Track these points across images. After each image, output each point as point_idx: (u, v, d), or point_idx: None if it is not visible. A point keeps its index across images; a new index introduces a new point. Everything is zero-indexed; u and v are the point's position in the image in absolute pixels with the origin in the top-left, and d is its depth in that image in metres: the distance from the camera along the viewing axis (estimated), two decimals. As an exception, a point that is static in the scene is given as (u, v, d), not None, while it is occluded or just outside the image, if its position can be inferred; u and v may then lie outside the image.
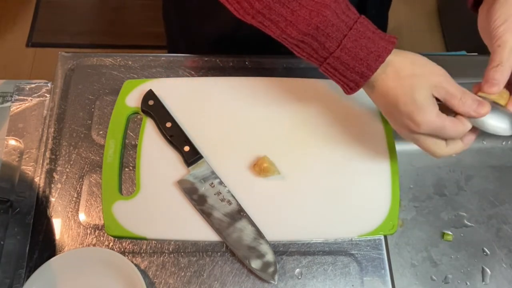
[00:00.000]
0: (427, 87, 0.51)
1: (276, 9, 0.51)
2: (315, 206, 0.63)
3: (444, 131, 0.52)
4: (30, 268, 0.60)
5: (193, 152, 0.64)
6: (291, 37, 0.52)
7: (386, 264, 0.62)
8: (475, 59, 0.76)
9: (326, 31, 0.51)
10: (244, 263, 0.60)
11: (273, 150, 0.66)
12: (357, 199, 0.64)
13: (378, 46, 0.51)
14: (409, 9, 1.90)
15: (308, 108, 0.69)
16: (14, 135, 0.69)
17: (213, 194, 0.62)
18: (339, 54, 0.51)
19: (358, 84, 0.53)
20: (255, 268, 0.59)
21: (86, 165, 0.66)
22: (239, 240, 0.60)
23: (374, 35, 0.52)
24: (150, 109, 0.67)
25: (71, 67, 0.73)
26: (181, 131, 0.65)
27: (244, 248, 0.60)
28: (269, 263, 0.59)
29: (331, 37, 0.51)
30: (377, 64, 0.51)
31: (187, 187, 0.63)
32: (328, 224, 0.63)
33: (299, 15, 0.51)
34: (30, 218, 0.63)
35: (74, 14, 1.89)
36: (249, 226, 0.61)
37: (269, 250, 0.60)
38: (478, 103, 0.52)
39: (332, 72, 0.53)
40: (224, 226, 0.61)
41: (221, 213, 0.61)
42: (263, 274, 0.59)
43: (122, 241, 0.62)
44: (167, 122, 0.66)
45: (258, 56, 0.75)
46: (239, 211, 0.62)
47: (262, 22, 0.53)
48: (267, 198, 0.63)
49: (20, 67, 1.78)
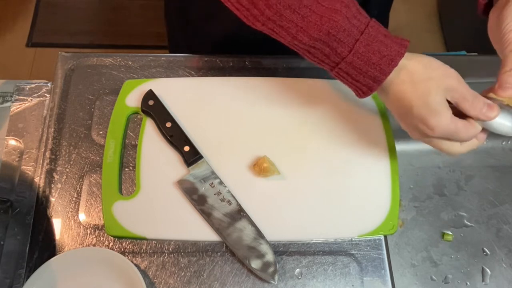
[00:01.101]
0: (440, 91, 0.51)
1: (286, 16, 0.51)
2: (315, 206, 0.63)
3: (457, 135, 0.52)
4: (30, 268, 0.60)
5: (193, 152, 0.64)
6: (302, 43, 0.52)
7: (386, 264, 0.62)
8: (475, 59, 0.76)
9: (337, 36, 0.50)
10: (244, 263, 0.60)
11: (273, 150, 0.66)
12: (357, 199, 0.64)
13: (390, 50, 0.51)
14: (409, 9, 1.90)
15: (308, 108, 0.69)
16: (14, 135, 0.69)
17: (213, 194, 0.62)
18: (351, 59, 0.51)
19: (371, 88, 0.53)
20: (255, 268, 0.59)
21: (86, 165, 0.66)
22: (239, 240, 0.60)
23: (386, 38, 0.51)
24: (150, 109, 0.67)
25: (71, 67, 0.73)
26: (181, 131, 0.65)
27: (244, 248, 0.60)
28: (269, 263, 0.59)
29: (343, 42, 0.51)
30: (390, 68, 0.51)
31: (187, 187, 0.63)
32: (328, 224, 0.63)
33: (310, 21, 0.51)
34: (30, 218, 0.63)
35: (74, 14, 1.89)
36: (249, 226, 0.61)
37: (269, 250, 0.60)
38: (488, 107, 0.52)
39: (344, 76, 0.53)
40: (224, 226, 0.61)
41: (221, 213, 0.61)
42: (263, 274, 0.59)
43: (122, 241, 0.62)
44: (167, 122, 0.66)
45: (258, 56, 0.75)
46: (239, 211, 0.62)
47: (272, 29, 0.53)
48: (267, 198, 0.63)
49: (20, 67, 1.78)
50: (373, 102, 0.70)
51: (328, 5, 0.50)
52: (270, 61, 0.74)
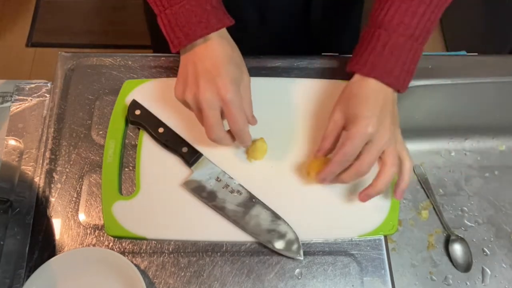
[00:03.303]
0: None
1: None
2: (315, 206, 0.63)
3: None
4: (30, 268, 0.60)
5: (192, 152, 0.64)
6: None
7: (386, 264, 0.62)
8: (475, 59, 0.76)
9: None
10: (268, 246, 0.60)
11: (273, 151, 0.66)
12: (357, 199, 0.64)
13: (210, 20, 0.55)
14: (409, 9, 1.89)
15: (308, 108, 0.69)
16: (14, 135, 0.69)
17: (221, 188, 0.63)
18: (177, 10, 0.55)
19: (181, 43, 0.56)
20: (279, 249, 0.60)
21: (86, 165, 0.66)
22: (257, 226, 0.61)
23: (215, 10, 0.56)
24: (138, 119, 0.66)
25: (71, 67, 0.73)
26: (174, 134, 0.65)
27: (264, 233, 0.61)
28: (291, 241, 0.60)
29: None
30: (202, 33, 0.55)
31: (195, 187, 0.63)
32: (328, 224, 0.63)
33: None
34: (30, 218, 0.63)
35: (74, 14, 1.89)
36: (264, 210, 0.62)
37: (289, 229, 0.61)
38: None
39: (165, 23, 0.56)
40: (240, 216, 0.61)
41: (234, 204, 0.62)
42: (288, 253, 0.60)
43: (122, 241, 0.62)
44: (159, 127, 0.65)
45: (258, 56, 0.75)
46: (251, 198, 0.62)
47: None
48: (267, 199, 0.63)
49: (20, 67, 1.78)
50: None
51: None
52: (270, 61, 0.74)
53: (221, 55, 0.56)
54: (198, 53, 0.56)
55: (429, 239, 0.76)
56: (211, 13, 0.55)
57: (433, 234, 0.76)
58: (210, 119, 0.56)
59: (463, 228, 0.77)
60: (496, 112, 0.80)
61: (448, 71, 0.74)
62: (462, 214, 0.78)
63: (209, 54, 0.56)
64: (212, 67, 0.55)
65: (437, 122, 0.81)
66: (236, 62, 0.57)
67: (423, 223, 0.77)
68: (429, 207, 0.78)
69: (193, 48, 0.57)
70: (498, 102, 0.78)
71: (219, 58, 0.56)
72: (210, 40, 0.56)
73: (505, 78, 0.74)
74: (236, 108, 0.56)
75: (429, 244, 0.75)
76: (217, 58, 0.56)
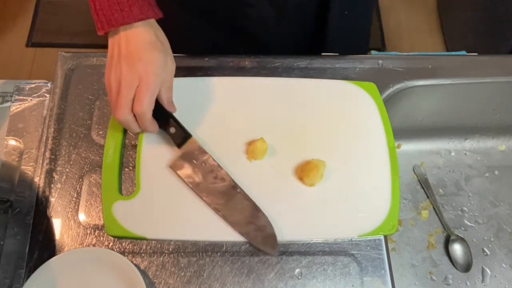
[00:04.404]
0: None
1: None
2: (315, 206, 0.63)
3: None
4: (30, 268, 0.60)
5: (180, 132, 0.64)
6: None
7: (386, 264, 0.62)
8: (475, 59, 0.76)
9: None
10: (245, 238, 0.60)
11: (272, 151, 0.66)
12: (357, 199, 0.64)
13: (132, 10, 0.57)
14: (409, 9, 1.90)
15: (308, 108, 0.69)
16: (14, 135, 0.69)
17: (206, 172, 0.63)
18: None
19: (103, 28, 0.58)
20: (255, 242, 0.60)
21: (86, 165, 0.66)
22: (237, 216, 0.61)
23: (140, 1, 0.57)
24: None
25: (71, 67, 0.73)
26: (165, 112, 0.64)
27: (243, 224, 0.61)
28: (268, 235, 0.60)
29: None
30: (124, 21, 0.57)
31: (180, 168, 0.63)
32: (328, 224, 0.63)
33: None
34: (30, 218, 0.63)
35: (74, 14, 1.89)
36: (245, 201, 0.62)
37: (268, 223, 0.61)
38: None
39: (92, 6, 0.59)
40: (221, 204, 0.61)
41: (217, 191, 0.62)
42: (264, 247, 0.60)
43: (122, 241, 0.62)
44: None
45: (258, 56, 0.75)
46: (234, 187, 0.62)
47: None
48: (267, 199, 0.63)
49: (20, 67, 1.78)
50: (373, 102, 0.70)
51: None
52: (270, 61, 0.74)
53: (145, 40, 0.58)
54: (123, 37, 0.58)
55: (429, 239, 0.76)
56: (135, 3, 0.57)
57: (433, 234, 0.76)
58: (122, 99, 0.57)
59: (463, 228, 0.77)
60: (496, 112, 0.80)
61: (448, 71, 0.74)
62: (462, 214, 0.78)
63: (133, 39, 0.58)
64: (135, 51, 0.57)
65: (437, 122, 0.81)
66: (159, 48, 0.59)
67: (423, 223, 0.77)
68: (429, 207, 0.78)
69: (119, 33, 0.58)
70: (498, 102, 0.78)
71: (142, 44, 0.58)
72: (135, 27, 0.58)
73: (505, 78, 0.74)
74: (147, 91, 0.57)
75: (429, 244, 0.75)
76: (140, 43, 0.58)
